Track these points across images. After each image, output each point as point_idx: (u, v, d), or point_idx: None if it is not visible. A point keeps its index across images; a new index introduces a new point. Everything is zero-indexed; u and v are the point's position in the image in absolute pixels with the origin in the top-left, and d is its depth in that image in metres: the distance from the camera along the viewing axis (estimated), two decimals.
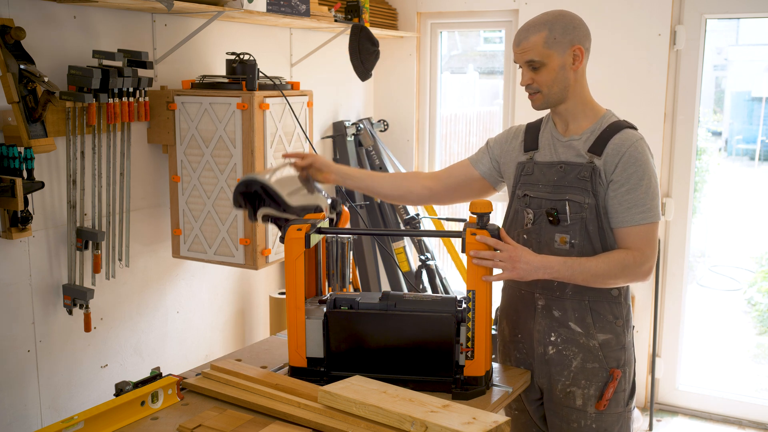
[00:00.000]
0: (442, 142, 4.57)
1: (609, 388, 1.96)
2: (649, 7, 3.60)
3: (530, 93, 1.97)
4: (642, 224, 1.89)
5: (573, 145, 1.97)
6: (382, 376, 1.86)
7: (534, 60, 1.91)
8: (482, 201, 1.88)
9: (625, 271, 1.88)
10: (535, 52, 1.90)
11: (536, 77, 1.93)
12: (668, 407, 3.95)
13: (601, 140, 1.93)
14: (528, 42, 1.91)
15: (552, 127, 2.04)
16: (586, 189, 1.92)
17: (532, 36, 1.91)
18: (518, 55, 1.94)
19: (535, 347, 2.03)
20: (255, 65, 2.62)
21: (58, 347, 2.47)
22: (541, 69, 1.92)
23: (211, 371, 1.95)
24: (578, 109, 1.98)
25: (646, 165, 1.91)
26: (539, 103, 1.97)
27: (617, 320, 1.98)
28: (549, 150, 2.01)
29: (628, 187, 1.89)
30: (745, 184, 7.14)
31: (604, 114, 2.00)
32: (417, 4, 4.19)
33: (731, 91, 7.31)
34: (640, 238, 1.90)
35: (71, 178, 2.37)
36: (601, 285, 1.92)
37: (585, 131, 1.97)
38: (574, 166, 1.94)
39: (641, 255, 1.89)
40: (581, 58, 1.93)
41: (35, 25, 2.28)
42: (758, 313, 5.46)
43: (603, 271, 1.87)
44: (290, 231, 1.93)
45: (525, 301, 2.04)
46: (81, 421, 1.63)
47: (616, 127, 1.95)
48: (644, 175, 1.90)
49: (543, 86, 1.93)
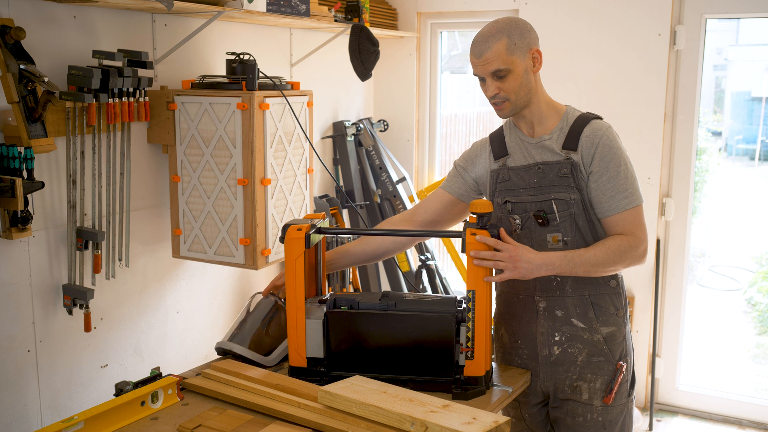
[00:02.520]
0: (442, 142, 4.57)
1: (617, 382, 1.98)
2: (649, 7, 3.60)
3: (498, 102, 1.96)
4: (628, 209, 1.93)
5: (545, 145, 1.99)
6: (382, 376, 1.86)
7: (500, 69, 1.91)
8: (482, 201, 1.88)
9: (623, 256, 1.91)
10: (500, 60, 1.90)
11: (503, 86, 1.93)
12: (668, 407, 3.95)
13: (572, 135, 1.96)
14: (491, 52, 1.90)
15: (517, 132, 2.05)
16: (569, 185, 1.94)
17: (493, 45, 1.90)
18: (481, 67, 1.93)
19: (539, 350, 2.03)
20: (255, 65, 2.62)
21: (58, 347, 2.47)
22: (507, 77, 1.92)
23: (211, 371, 1.95)
24: (542, 109, 2.00)
25: (620, 151, 1.95)
26: (507, 110, 1.97)
27: (618, 311, 2.01)
28: (521, 153, 2.02)
29: (608, 176, 1.92)
30: (745, 184, 7.14)
31: (566, 110, 2.03)
32: (417, 4, 4.19)
33: (731, 91, 7.31)
34: (629, 223, 1.93)
35: (71, 178, 2.37)
36: (601, 273, 1.93)
37: (554, 129, 1.99)
38: (552, 165, 1.96)
39: (635, 238, 1.93)
40: (540, 60, 1.96)
41: (35, 25, 2.28)
42: (758, 313, 5.46)
43: (602, 259, 1.90)
44: (290, 231, 1.93)
45: (525, 305, 2.04)
46: (81, 421, 1.63)
47: (584, 120, 1.98)
48: (620, 162, 1.93)
49: (511, 93, 1.94)
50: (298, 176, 2.87)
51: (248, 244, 2.66)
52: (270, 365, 2.08)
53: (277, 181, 2.73)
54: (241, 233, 2.66)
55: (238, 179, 2.62)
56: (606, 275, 1.97)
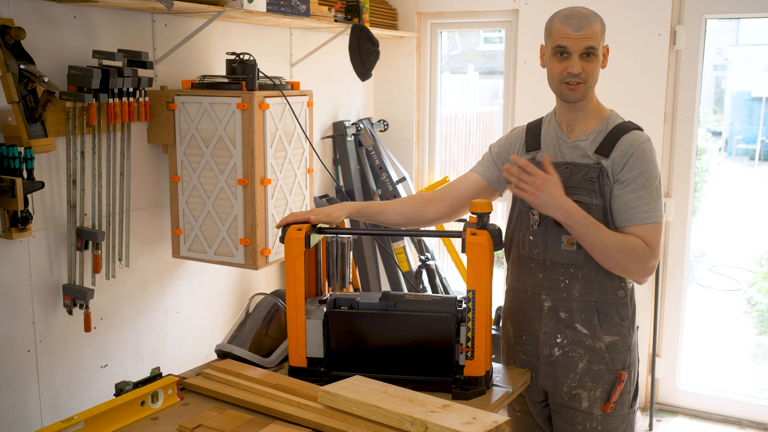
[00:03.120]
0: (442, 142, 4.57)
1: (616, 391, 1.96)
2: (649, 7, 3.60)
3: (574, 83, 1.91)
4: (647, 223, 1.89)
5: (579, 146, 1.96)
6: (382, 376, 1.86)
7: (593, 47, 1.88)
8: (482, 201, 1.88)
9: (632, 258, 1.86)
10: (595, 39, 1.88)
11: (586, 66, 1.90)
12: (668, 407, 3.95)
13: (608, 141, 1.93)
14: (590, 29, 1.87)
15: (556, 127, 2.03)
16: (593, 190, 1.91)
17: (593, 23, 1.88)
18: (576, 41, 1.87)
19: (540, 349, 2.03)
20: (255, 65, 2.62)
21: (58, 347, 2.47)
22: (592, 59, 1.90)
23: (211, 371, 1.95)
24: (591, 107, 1.98)
25: (653, 166, 1.91)
26: (580, 93, 1.93)
27: (623, 321, 1.98)
28: (553, 150, 2.00)
29: (633, 186, 1.89)
30: (745, 184, 7.14)
31: (609, 114, 2.00)
32: (417, 4, 4.19)
33: (731, 91, 7.32)
34: (647, 237, 1.89)
35: (71, 178, 2.37)
36: (603, 259, 1.88)
37: (591, 132, 1.97)
38: (581, 167, 1.94)
39: (650, 252, 1.88)
40: (607, 57, 1.97)
41: (35, 25, 2.27)
42: (758, 313, 5.46)
43: (614, 245, 1.85)
44: (290, 231, 1.94)
45: (531, 302, 2.04)
46: (81, 421, 1.63)
47: (624, 129, 1.95)
48: (650, 176, 1.90)
49: (590, 77, 1.91)
50: (298, 176, 2.87)
51: (248, 244, 2.66)
52: (270, 366, 2.08)
53: (277, 181, 2.73)
54: (241, 233, 2.66)
55: (238, 179, 2.62)
56: (609, 270, 1.92)
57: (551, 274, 1.98)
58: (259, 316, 2.19)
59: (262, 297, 2.26)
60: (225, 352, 2.10)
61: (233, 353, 2.07)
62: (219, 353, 2.13)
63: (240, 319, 2.22)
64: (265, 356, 2.10)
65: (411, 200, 2.19)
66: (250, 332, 2.14)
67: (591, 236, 1.85)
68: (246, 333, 2.14)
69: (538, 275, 2.00)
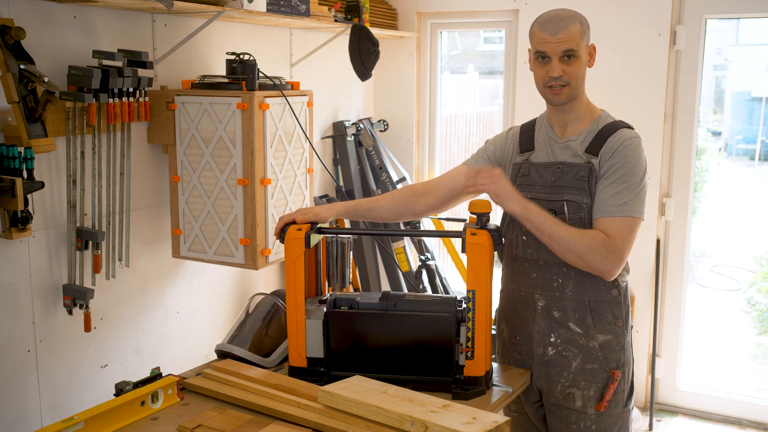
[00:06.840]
0: (442, 142, 4.57)
1: (609, 390, 1.96)
2: (649, 7, 3.60)
3: (557, 86, 1.92)
4: (617, 216, 1.86)
5: (570, 146, 1.97)
6: (382, 376, 1.86)
7: (573, 50, 1.88)
8: (481, 201, 1.88)
9: (590, 250, 1.84)
10: (574, 42, 1.88)
11: (567, 69, 1.90)
12: (668, 407, 3.95)
13: (597, 140, 1.94)
14: (567, 32, 1.88)
15: (548, 128, 2.04)
16: (583, 189, 1.92)
17: (569, 26, 1.88)
18: (554, 45, 1.88)
19: (534, 349, 2.03)
20: (255, 65, 2.62)
21: (58, 347, 2.47)
22: (573, 60, 1.90)
23: (211, 371, 1.95)
24: (582, 108, 1.99)
25: (636, 163, 1.89)
26: (564, 96, 1.93)
27: (617, 320, 1.98)
28: (545, 151, 2.01)
29: (611, 180, 1.89)
30: (745, 184, 7.14)
31: (600, 114, 2.01)
32: (417, 4, 4.19)
33: (731, 91, 7.32)
34: (615, 229, 1.85)
35: (71, 178, 2.37)
36: (563, 252, 1.87)
37: (582, 132, 1.98)
38: (571, 166, 1.94)
39: (611, 243, 1.84)
40: (594, 57, 1.96)
41: (35, 25, 2.27)
42: (758, 313, 5.46)
43: (571, 237, 1.84)
44: (290, 231, 1.94)
45: (525, 302, 2.04)
46: (81, 421, 1.63)
47: (613, 127, 1.95)
48: (631, 172, 1.88)
49: (572, 78, 1.91)
50: (298, 176, 2.87)
51: (248, 244, 2.66)
52: (270, 366, 2.09)
53: (277, 181, 2.73)
54: (241, 233, 2.66)
55: (238, 179, 2.62)
56: (572, 265, 1.91)
57: (545, 273, 1.98)
58: (259, 316, 2.19)
59: (262, 297, 2.26)
60: (225, 352, 2.10)
61: (233, 353, 2.07)
62: (219, 353, 2.13)
63: (240, 319, 2.22)
64: (265, 356, 2.10)
65: (401, 194, 2.19)
66: (250, 332, 2.14)
67: (549, 228, 1.85)
68: (246, 333, 2.14)
69: (532, 275, 2.00)
